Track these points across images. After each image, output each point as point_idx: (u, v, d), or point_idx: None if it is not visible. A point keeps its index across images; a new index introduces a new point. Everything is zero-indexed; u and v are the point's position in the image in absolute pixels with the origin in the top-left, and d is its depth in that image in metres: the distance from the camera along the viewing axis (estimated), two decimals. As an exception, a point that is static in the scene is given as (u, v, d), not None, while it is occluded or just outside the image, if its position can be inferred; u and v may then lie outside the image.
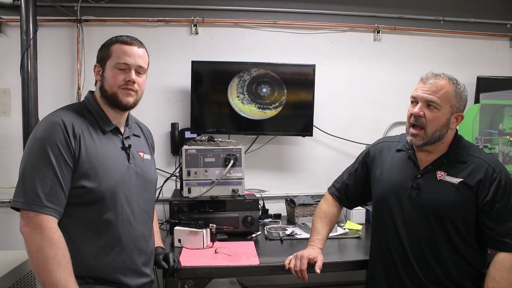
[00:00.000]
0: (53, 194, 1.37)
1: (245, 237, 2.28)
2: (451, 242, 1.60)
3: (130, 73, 1.52)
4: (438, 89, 1.58)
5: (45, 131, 1.41)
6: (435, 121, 1.59)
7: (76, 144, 1.42)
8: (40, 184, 1.36)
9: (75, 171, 1.42)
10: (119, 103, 1.53)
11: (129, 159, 1.56)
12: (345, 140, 3.05)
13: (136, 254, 1.55)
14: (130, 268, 1.53)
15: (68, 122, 1.43)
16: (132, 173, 1.56)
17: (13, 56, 2.68)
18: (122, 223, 1.50)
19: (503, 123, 2.52)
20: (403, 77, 3.04)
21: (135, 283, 1.55)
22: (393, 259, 1.69)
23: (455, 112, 1.61)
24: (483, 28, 3.17)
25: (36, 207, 1.35)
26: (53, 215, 1.37)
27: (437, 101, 1.58)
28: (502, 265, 1.53)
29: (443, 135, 1.62)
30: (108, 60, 1.51)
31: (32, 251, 1.35)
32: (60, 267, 1.34)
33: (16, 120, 2.70)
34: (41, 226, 1.34)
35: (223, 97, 2.77)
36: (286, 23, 2.98)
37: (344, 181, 1.94)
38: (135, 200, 1.55)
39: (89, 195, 1.43)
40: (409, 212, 1.65)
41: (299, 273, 1.76)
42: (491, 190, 1.55)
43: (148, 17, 2.86)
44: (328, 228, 1.91)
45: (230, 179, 2.41)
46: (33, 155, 1.39)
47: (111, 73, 1.51)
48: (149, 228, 1.67)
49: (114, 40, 1.53)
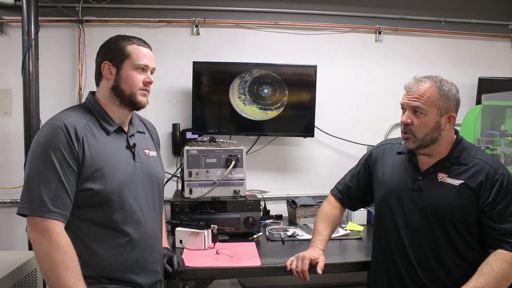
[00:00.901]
0: (58, 199, 1.37)
1: (246, 238, 2.27)
2: (452, 244, 1.60)
3: (147, 74, 1.55)
4: (422, 95, 1.59)
5: (47, 135, 1.41)
6: (423, 127, 1.60)
7: (79, 147, 1.41)
8: (44, 189, 1.36)
9: (80, 174, 1.41)
10: (138, 103, 1.54)
11: (134, 158, 1.56)
12: (346, 141, 3.04)
13: (147, 252, 1.55)
14: (141, 266, 1.53)
15: (71, 125, 1.42)
16: (138, 172, 1.55)
17: (14, 56, 2.68)
18: (131, 222, 1.50)
19: (504, 124, 2.51)
20: (404, 78, 2.93)
21: (147, 282, 1.56)
22: (395, 260, 1.69)
23: (444, 114, 1.60)
24: (485, 29, 3.17)
25: (42, 213, 1.35)
26: (59, 219, 1.37)
27: (422, 107, 1.58)
28: (503, 257, 1.52)
29: (436, 138, 1.62)
30: (126, 60, 1.50)
31: (40, 256, 1.35)
32: (68, 271, 1.34)
33: (17, 121, 2.70)
34: (48, 231, 1.35)
35: (224, 97, 2.77)
36: (287, 24, 2.98)
37: (347, 183, 1.95)
38: (143, 198, 1.55)
39: (96, 197, 1.43)
40: (410, 214, 1.65)
41: (301, 274, 1.76)
42: (493, 191, 1.55)
43: (149, 17, 2.86)
44: (330, 230, 1.91)
45: (232, 180, 2.41)
46: (36, 161, 1.39)
47: (131, 74, 1.51)
48: (159, 226, 1.67)
49: (127, 40, 1.52)
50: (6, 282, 1.88)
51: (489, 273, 1.50)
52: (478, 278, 1.50)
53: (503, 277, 1.50)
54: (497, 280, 1.49)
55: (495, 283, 1.49)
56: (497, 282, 1.49)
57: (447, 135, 1.65)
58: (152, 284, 1.58)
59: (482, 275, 1.50)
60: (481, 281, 1.49)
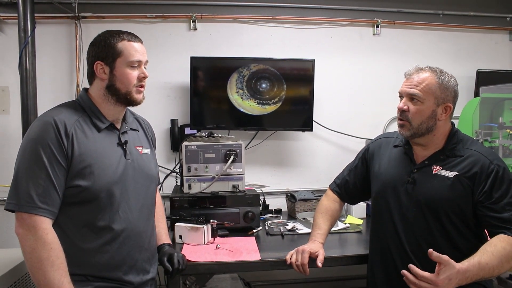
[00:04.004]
0: (46, 195, 1.37)
1: (246, 232, 2.27)
2: (447, 235, 1.61)
3: (141, 69, 1.53)
4: (420, 82, 1.61)
5: (37, 131, 1.41)
6: (418, 114, 1.61)
7: (68, 143, 1.41)
8: (32, 185, 1.36)
9: (69, 170, 1.41)
10: (134, 101, 1.53)
11: (125, 155, 1.55)
12: (345, 135, 3.05)
13: (136, 250, 1.55)
14: (130, 265, 1.53)
15: (60, 122, 1.42)
16: (129, 169, 1.54)
17: (11, 53, 2.66)
18: (119, 221, 1.49)
19: (503, 116, 2.52)
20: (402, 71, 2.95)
21: (136, 280, 1.55)
22: (391, 253, 1.70)
23: (441, 103, 1.62)
24: (483, 22, 3.16)
25: (29, 209, 1.35)
26: (47, 216, 1.37)
27: (419, 94, 1.60)
28: (507, 240, 1.51)
29: (432, 127, 1.63)
30: (119, 58, 1.48)
31: (26, 252, 1.36)
32: (53, 267, 1.34)
33: (15, 118, 2.70)
34: (34, 227, 1.35)
35: (222, 92, 2.77)
36: (285, 18, 2.97)
37: (345, 177, 1.97)
38: (133, 196, 1.54)
39: (84, 193, 1.42)
40: (406, 206, 1.67)
41: (301, 267, 1.77)
42: (489, 181, 1.56)
43: (146, 13, 2.84)
44: (329, 223, 1.92)
45: (231, 175, 2.41)
46: (25, 157, 1.40)
47: (125, 72, 1.49)
48: (151, 224, 1.66)
49: (116, 36, 1.50)
50: (5, 280, 1.89)
51: (493, 252, 1.49)
52: (482, 255, 1.48)
53: (506, 257, 1.49)
54: (500, 259, 1.49)
55: (498, 262, 1.48)
56: (500, 261, 1.49)
57: (442, 126, 1.66)
58: (142, 283, 1.58)
59: (486, 253, 1.49)
60: (485, 258, 1.47)
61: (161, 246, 1.78)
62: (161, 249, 1.77)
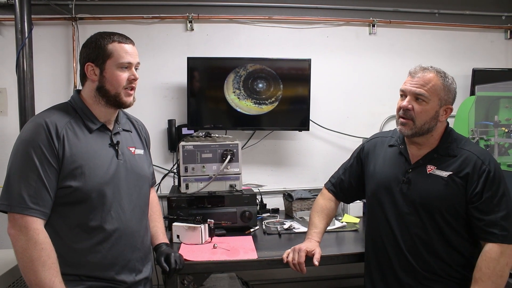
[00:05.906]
0: (37, 196, 1.38)
1: (243, 231, 2.29)
2: (442, 234, 1.62)
3: (132, 71, 1.52)
4: (426, 82, 1.60)
5: (28, 133, 1.42)
6: (423, 114, 1.61)
7: (59, 144, 1.42)
8: (24, 186, 1.37)
9: (60, 171, 1.42)
10: (123, 103, 1.53)
11: (117, 156, 1.55)
12: (341, 134, 3.06)
13: (128, 250, 1.55)
14: (122, 264, 1.53)
15: (52, 123, 1.43)
16: (121, 170, 1.55)
17: (8, 55, 2.67)
18: (110, 221, 1.50)
19: (498, 114, 2.53)
20: (398, 70, 3.01)
21: (129, 280, 1.55)
22: (387, 252, 1.71)
23: (443, 105, 1.63)
24: (478, 20, 3.18)
25: (20, 209, 1.36)
26: (38, 216, 1.38)
27: (426, 94, 1.60)
28: (488, 256, 1.54)
29: (432, 127, 1.64)
30: (108, 60, 1.48)
31: (17, 252, 1.37)
32: (45, 267, 1.35)
33: (12, 120, 2.70)
34: (26, 227, 1.36)
35: (219, 93, 2.78)
36: (281, 18, 2.98)
37: (340, 176, 1.97)
38: (125, 196, 1.55)
39: (75, 194, 1.43)
40: (401, 206, 1.68)
41: (297, 266, 1.78)
42: (480, 182, 1.57)
43: (143, 14, 2.85)
44: (325, 222, 1.93)
45: (228, 175, 2.42)
46: (17, 158, 1.41)
47: (115, 73, 1.49)
48: (144, 224, 1.66)
49: (107, 38, 1.50)
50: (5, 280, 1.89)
51: (482, 277, 1.53)
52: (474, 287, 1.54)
53: (495, 275, 1.52)
54: (492, 280, 1.52)
55: (491, 284, 1.52)
56: (493, 282, 1.52)
57: (440, 127, 1.67)
58: (135, 282, 1.58)
59: (476, 282, 1.54)
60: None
61: (158, 245, 1.79)
62: (158, 249, 1.78)
